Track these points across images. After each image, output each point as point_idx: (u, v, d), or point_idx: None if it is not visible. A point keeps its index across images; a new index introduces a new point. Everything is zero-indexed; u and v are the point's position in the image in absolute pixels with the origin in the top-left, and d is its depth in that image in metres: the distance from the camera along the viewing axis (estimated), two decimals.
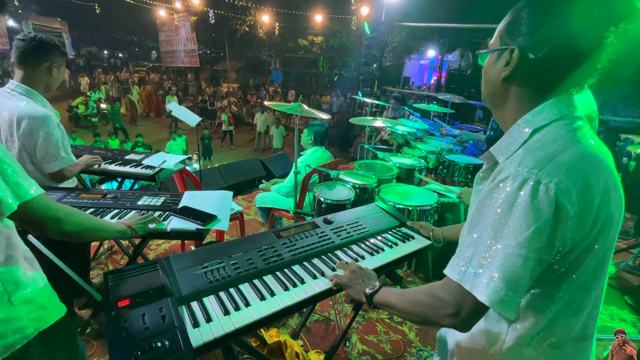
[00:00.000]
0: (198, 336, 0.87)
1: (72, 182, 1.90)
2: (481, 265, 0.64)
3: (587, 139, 0.66)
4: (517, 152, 0.67)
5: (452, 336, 0.89)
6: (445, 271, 0.72)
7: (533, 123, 0.68)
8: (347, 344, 1.97)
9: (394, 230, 1.50)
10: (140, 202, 1.67)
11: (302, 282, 1.12)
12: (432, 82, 16.64)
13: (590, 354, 0.76)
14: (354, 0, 10.83)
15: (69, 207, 1.02)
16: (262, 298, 1.03)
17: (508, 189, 0.63)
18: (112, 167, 2.24)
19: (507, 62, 0.70)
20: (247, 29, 17.45)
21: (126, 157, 2.40)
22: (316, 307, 2.21)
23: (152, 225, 1.37)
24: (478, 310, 0.66)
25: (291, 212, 2.58)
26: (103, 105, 14.80)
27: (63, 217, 0.96)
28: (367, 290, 0.93)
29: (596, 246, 0.65)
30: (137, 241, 1.71)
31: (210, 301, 1.00)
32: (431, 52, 15.77)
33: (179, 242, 2.94)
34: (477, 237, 0.67)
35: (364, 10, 10.03)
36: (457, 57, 9.76)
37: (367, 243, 1.39)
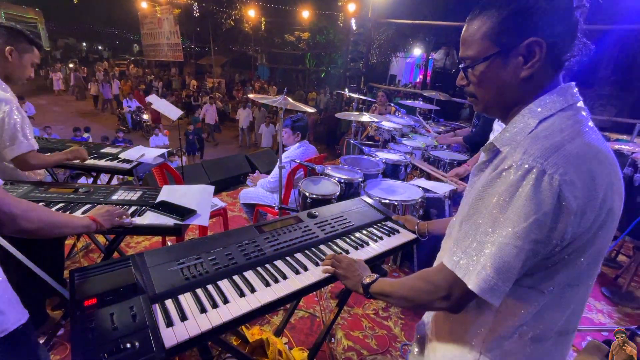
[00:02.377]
0: (171, 336, 0.82)
1: (40, 175, 1.80)
2: (476, 253, 0.64)
3: (592, 131, 0.65)
4: (522, 141, 0.64)
5: (433, 324, 0.88)
6: (443, 259, 0.71)
7: (539, 113, 0.66)
8: (332, 340, 1.94)
9: (379, 225, 1.48)
10: (114, 197, 1.59)
11: (284, 277, 1.08)
12: (418, 80, 16.85)
13: (568, 348, 0.76)
14: None
15: (29, 202, 0.94)
16: (242, 295, 0.98)
17: (511, 178, 0.61)
18: (87, 161, 2.12)
19: (525, 59, 0.65)
20: (232, 23, 17.13)
21: (102, 151, 2.30)
22: (301, 303, 2.18)
23: (120, 220, 1.30)
24: (469, 295, 0.66)
25: (276, 207, 2.53)
26: (145, 116, 11.22)
27: (20, 213, 0.88)
28: (365, 281, 0.93)
29: (594, 242, 0.64)
30: (112, 237, 1.63)
31: (186, 299, 0.95)
32: (417, 51, 15.94)
33: (160, 239, 2.85)
34: (474, 225, 0.65)
35: (351, 7, 10.00)
36: (442, 56, 9.88)
37: (352, 237, 1.36)
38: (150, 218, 1.41)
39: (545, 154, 0.59)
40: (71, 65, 18.12)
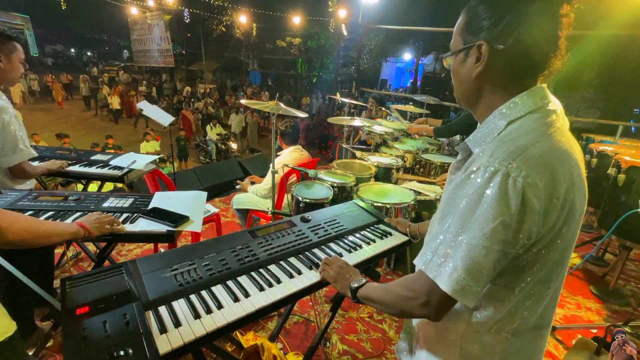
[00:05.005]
0: (165, 342, 0.82)
1: (29, 184, 1.77)
2: (446, 254, 0.65)
3: (559, 133, 0.67)
4: (491, 143, 0.67)
5: (417, 321, 0.90)
6: (415, 260, 0.73)
7: (508, 115, 0.68)
8: (327, 345, 1.94)
9: (372, 227, 1.49)
10: (106, 204, 1.57)
11: (278, 281, 1.08)
12: (408, 84, 17.05)
13: (545, 341, 0.79)
14: (332, 2, 10.93)
15: (13, 213, 0.93)
16: (236, 300, 0.98)
17: (478, 180, 0.63)
18: (77, 169, 2.10)
19: (477, 59, 0.70)
20: (223, 29, 17.11)
21: (92, 158, 2.27)
22: (295, 308, 2.17)
23: (110, 227, 1.29)
24: (448, 299, 0.67)
25: (269, 212, 2.53)
26: (234, 145, 10.03)
27: (5, 225, 0.87)
28: (353, 285, 0.93)
29: (559, 240, 0.66)
30: (103, 245, 1.61)
31: (179, 305, 0.94)
32: (407, 56, 16.17)
33: (152, 246, 2.82)
34: (445, 227, 0.67)
35: (342, 13, 10.13)
36: (432, 60, 10.04)
37: (345, 241, 1.37)
38: (142, 225, 1.40)
39: (510, 157, 0.61)
40: (32, 77, 16.94)
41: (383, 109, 5.22)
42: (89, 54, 31.92)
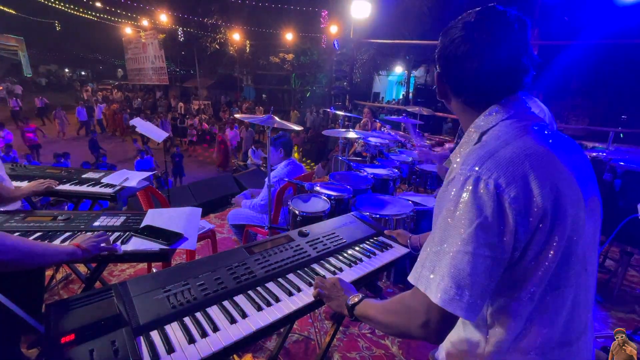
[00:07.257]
0: None
1: (15, 205, 1.72)
2: (433, 266, 0.65)
3: (536, 135, 0.67)
4: (464, 153, 0.70)
5: (441, 346, 0.86)
6: (408, 277, 0.71)
7: (481, 127, 0.72)
8: None
9: (371, 240, 1.46)
10: (96, 223, 1.52)
11: (277, 300, 1.04)
12: (400, 97, 17.32)
13: (581, 357, 0.73)
14: (323, 19, 11.18)
15: (2, 233, 0.89)
16: (233, 321, 0.93)
17: (453, 189, 0.64)
18: (67, 187, 2.05)
19: None
20: (217, 46, 17.38)
21: (83, 176, 2.23)
22: (295, 326, 2.10)
23: (107, 245, 1.24)
24: (446, 318, 0.64)
25: (266, 227, 2.48)
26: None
27: None
28: (350, 302, 0.89)
29: (554, 239, 0.64)
30: (94, 266, 1.55)
31: (173, 329, 0.89)
32: (398, 69, 16.48)
33: (145, 266, 2.74)
34: (431, 238, 0.68)
35: (333, 29, 10.35)
36: (423, 73, 10.23)
37: (345, 254, 1.33)
38: (134, 244, 1.35)
39: (480, 162, 0.63)
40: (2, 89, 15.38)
41: (377, 120, 5.26)
42: (82, 73, 32.10)
